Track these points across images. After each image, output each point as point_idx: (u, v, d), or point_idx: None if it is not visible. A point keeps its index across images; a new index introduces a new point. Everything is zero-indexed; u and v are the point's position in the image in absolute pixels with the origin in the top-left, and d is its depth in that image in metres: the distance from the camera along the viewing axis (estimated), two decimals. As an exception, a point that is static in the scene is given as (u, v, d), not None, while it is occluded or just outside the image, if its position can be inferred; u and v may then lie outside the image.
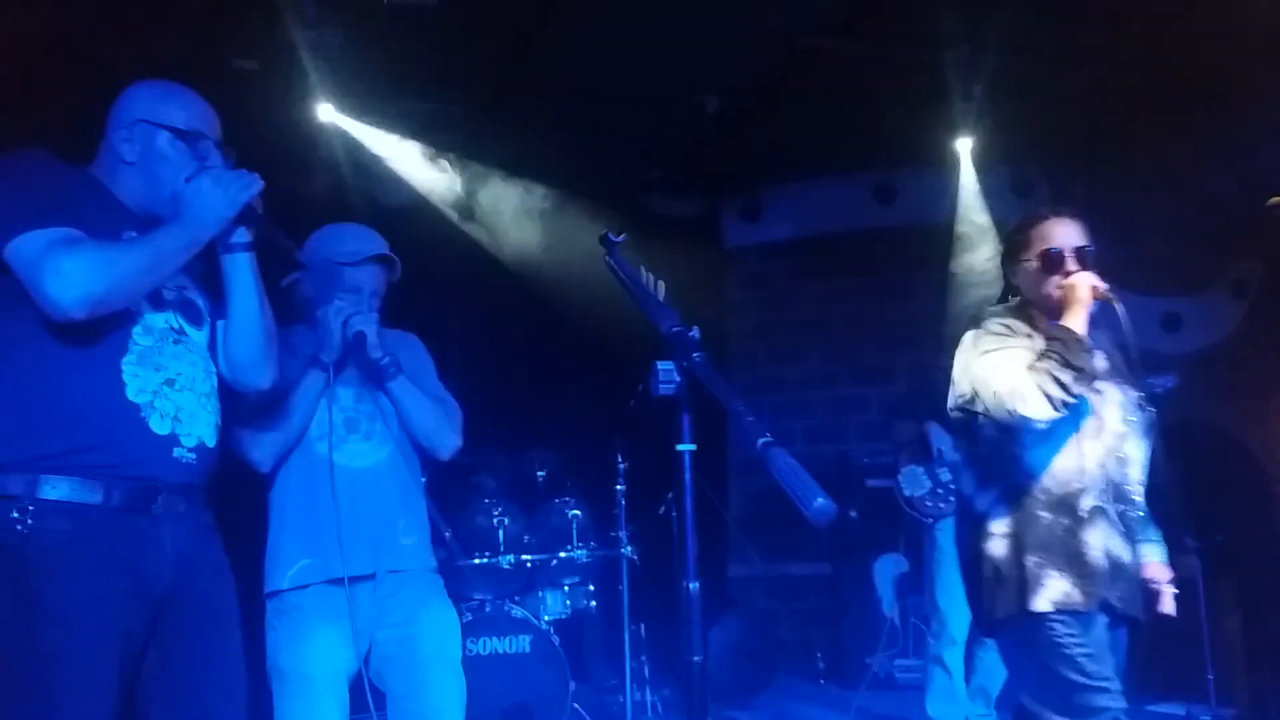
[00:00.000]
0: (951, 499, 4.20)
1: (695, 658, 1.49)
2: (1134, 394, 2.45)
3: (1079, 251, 2.42)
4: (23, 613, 1.69)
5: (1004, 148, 5.39)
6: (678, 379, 1.48)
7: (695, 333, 1.51)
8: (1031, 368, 2.30)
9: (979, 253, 5.63)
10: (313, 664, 2.36)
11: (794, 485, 1.27)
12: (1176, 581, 2.51)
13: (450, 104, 4.70)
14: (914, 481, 4.24)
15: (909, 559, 4.77)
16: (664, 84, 4.61)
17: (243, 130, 2.25)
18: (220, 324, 2.01)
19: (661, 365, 1.48)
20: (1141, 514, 2.51)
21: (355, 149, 4.70)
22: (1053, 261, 2.41)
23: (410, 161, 5.03)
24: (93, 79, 4.18)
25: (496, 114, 4.79)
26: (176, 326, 1.93)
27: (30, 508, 1.72)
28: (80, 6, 3.78)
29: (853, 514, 5.02)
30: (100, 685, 1.72)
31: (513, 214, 5.68)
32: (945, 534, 4.21)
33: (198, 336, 1.97)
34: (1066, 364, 2.25)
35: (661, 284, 1.61)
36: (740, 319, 6.30)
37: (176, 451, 1.86)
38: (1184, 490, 5.88)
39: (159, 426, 1.84)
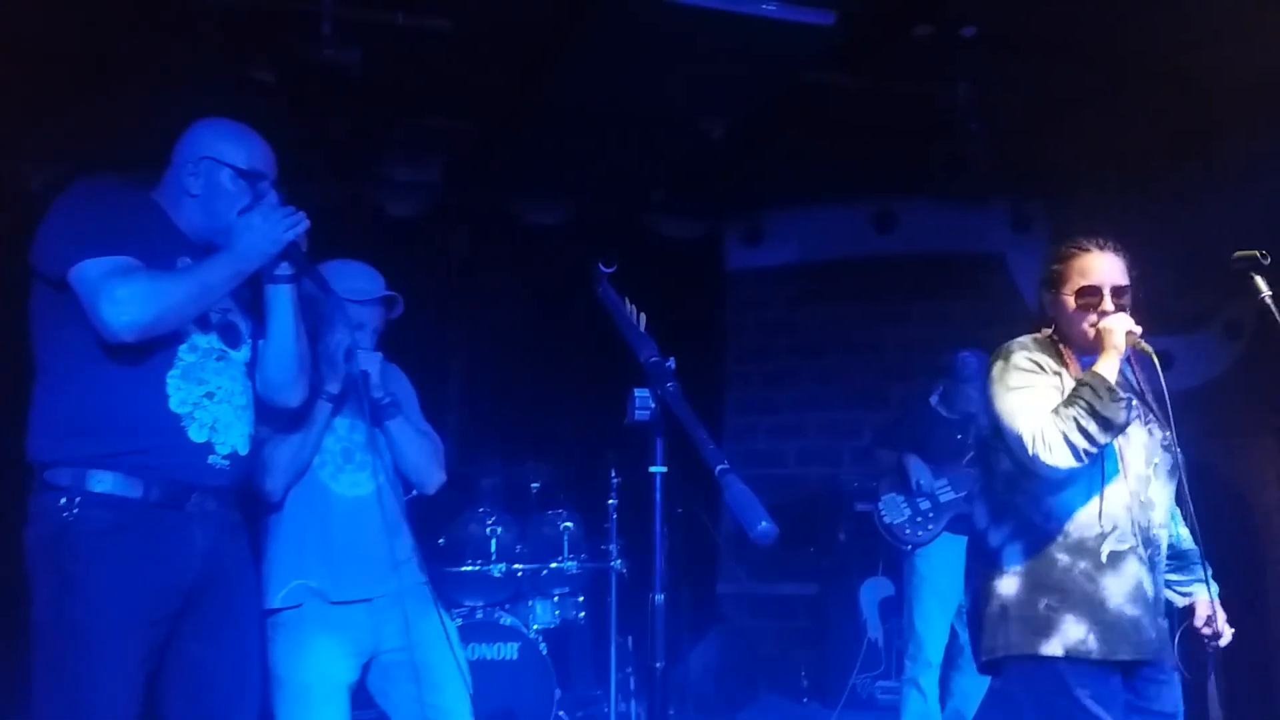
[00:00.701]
0: (930, 528, 4.27)
1: (658, 664, 1.58)
2: (1160, 436, 2.38)
3: (1117, 290, 2.33)
4: (62, 593, 1.87)
5: (1004, 182, 5.50)
6: (653, 405, 1.58)
7: (671, 363, 1.61)
8: (1057, 412, 2.21)
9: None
10: (310, 672, 2.45)
11: (743, 508, 1.37)
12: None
13: (461, 121, 4.80)
14: (894, 509, 4.31)
15: (892, 583, 4.85)
16: (670, 110, 4.70)
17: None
18: (260, 344, 2.18)
19: (638, 392, 1.58)
20: (1177, 554, 2.47)
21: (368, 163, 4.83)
22: (1089, 298, 2.32)
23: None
24: (117, 85, 4.35)
25: (505, 134, 4.89)
26: (219, 347, 2.09)
27: (77, 499, 1.90)
28: (102, 15, 3.89)
29: (841, 536, 5.11)
30: (127, 666, 1.89)
31: (518, 229, 5.80)
32: (924, 560, 4.29)
33: (238, 356, 2.15)
34: (1094, 413, 2.16)
35: (643, 315, 1.71)
36: (738, 340, 6.39)
37: (211, 458, 2.04)
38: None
39: (197, 435, 2.02)
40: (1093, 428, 2.16)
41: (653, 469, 1.57)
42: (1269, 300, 2.38)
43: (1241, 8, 3.77)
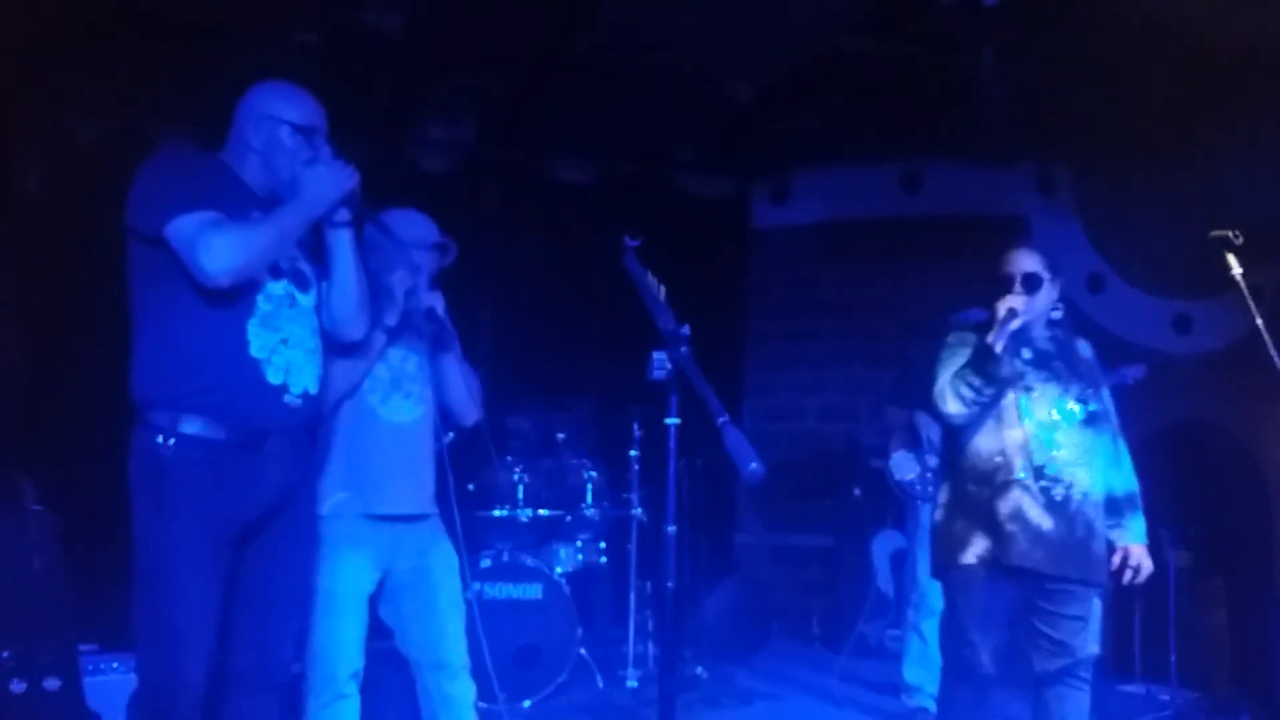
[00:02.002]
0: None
1: (669, 583, 1.79)
2: (1075, 390, 2.95)
3: (1027, 277, 2.93)
4: (158, 509, 2.17)
5: (1028, 144, 5.56)
6: (669, 367, 1.76)
7: (686, 330, 1.78)
8: (956, 373, 2.89)
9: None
10: (340, 582, 2.69)
11: (737, 450, 1.57)
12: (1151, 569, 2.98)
13: (495, 81, 4.91)
14: (904, 466, 4.49)
15: (902, 536, 5.03)
16: (699, 72, 4.79)
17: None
18: (324, 286, 2.42)
19: (657, 355, 1.76)
20: (1113, 490, 2.97)
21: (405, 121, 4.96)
22: (1005, 283, 2.94)
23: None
24: (165, 44, 4.49)
25: (538, 95, 5.00)
26: (290, 292, 2.33)
27: (172, 438, 2.17)
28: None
29: (855, 491, 5.27)
30: (207, 576, 2.20)
31: (548, 187, 5.93)
32: (929, 514, 4.49)
33: (305, 301, 2.38)
34: (976, 371, 2.84)
35: (663, 287, 1.88)
36: (763, 297, 6.50)
37: (286, 398, 2.29)
38: (1176, 484, 6.08)
39: (274, 378, 2.27)
40: (976, 382, 2.84)
41: (668, 420, 1.75)
42: (1239, 278, 2.56)
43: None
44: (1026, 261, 2.98)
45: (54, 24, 4.13)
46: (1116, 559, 2.98)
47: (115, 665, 2.74)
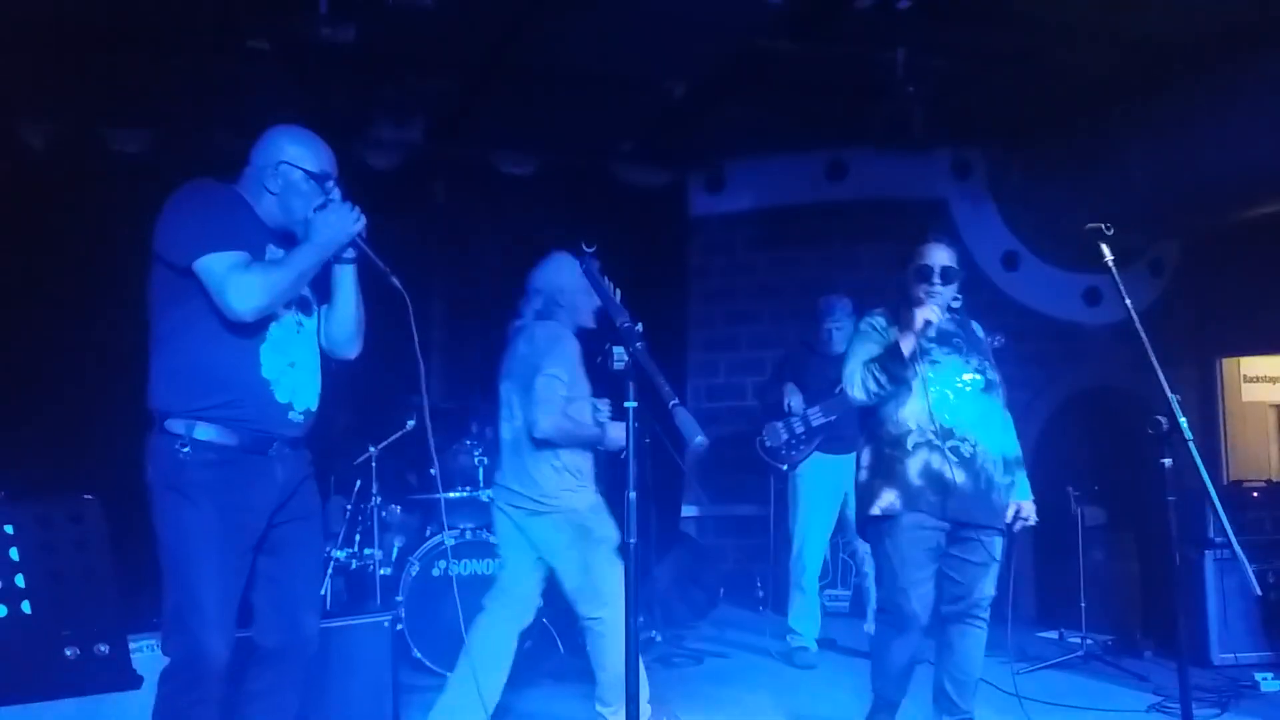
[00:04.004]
0: (803, 448, 4.91)
1: (631, 540, 2.10)
2: (974, 363, 3.34)
3: (945, 270, 3.27)
4: (180, 506, 2.40)
5: (944, 132, 5.92)
6: (626, 358, 2.06)
7: (639, 326, 2.09)
8: (866, 364, 3.27)
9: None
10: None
11: (685, 426, 1.89)
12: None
13: (442, 83, 5.12)
14: (773, 434, 4.94)
15: (775, 501, 5.43)
16: (634, 72, 5.04)
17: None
18: (324, 309, 2.65)
19: (615, 348, 2.06)
20: (1004, 453, 3.34)
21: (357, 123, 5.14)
22: (923, 275, 3.27)
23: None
24: (119, 50, 4.58)
25: (483, 94, 5.22)
26: (298, 319, 2.58)
27: (188, 446, 2.41)
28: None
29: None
30: (232, 562, 2.44)
31: (494, 179, 6.15)
32: (803, 478, 4.93)
33: (309, 324, 2.63)
34: (883, 369, 3.22)
35: (618, 290, 2.17)
36: (702, 282, 6.82)
37: (291, 415, 2.55)
38: (1085, 445, 6.53)
39: (281, 396, 2.52)
40: (882, 378, 3.23)
41: (626, 404, 2.05)
42: (1111, 264, 2.89)
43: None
44: (944, 255, 3.30)
45: (3, 29, 4.19)
46: (1010, 513, 3.34)
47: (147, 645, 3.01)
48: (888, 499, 3.25)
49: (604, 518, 3.50)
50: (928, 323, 3.17)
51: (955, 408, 3.28)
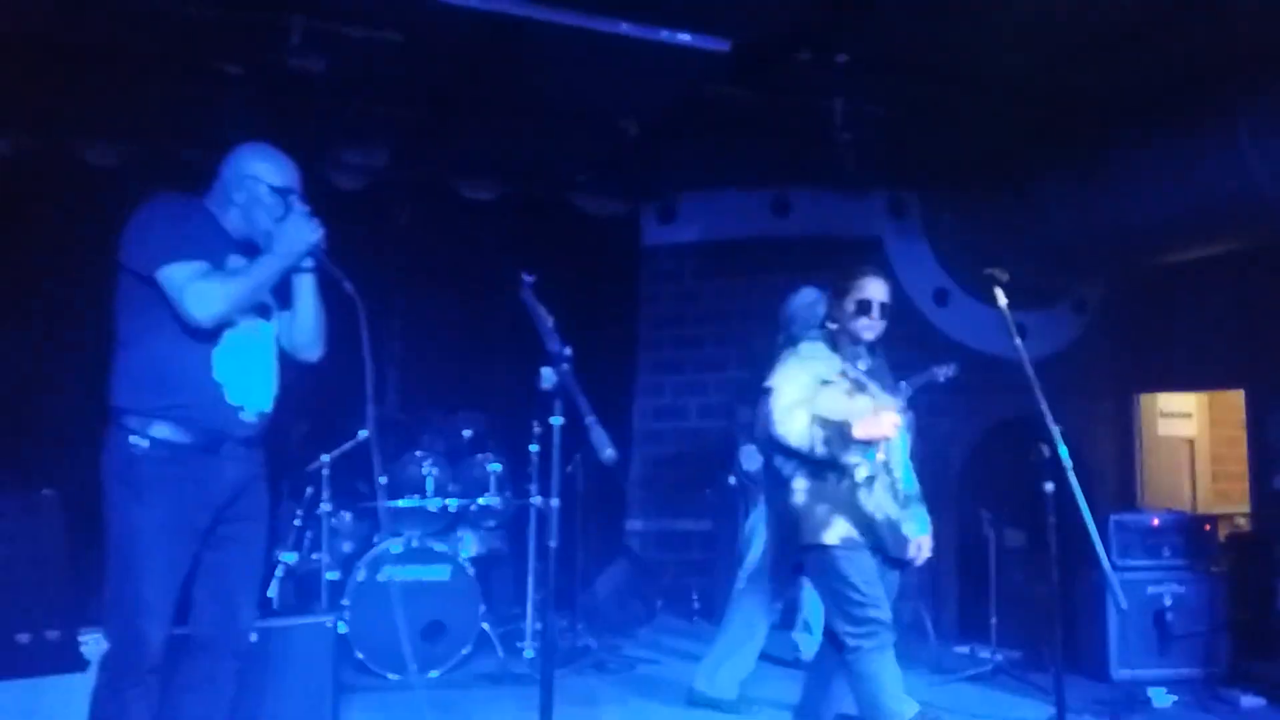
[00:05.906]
0: None
1: (551, 543, 2.33)
2: (898, 402, 3.44)
3: (883, 306, 3.36)
4: (132, 501, 2.56)
5: (881, 174, 6.28)
6: (555, 379, 2.33)
7: (569, 351, 2.35)
8: (815, 423, 3.20)
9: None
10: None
11: (598, 441, 2.14)
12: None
13: (407, 111, 5.35)
14: (751, 458, 5.09)
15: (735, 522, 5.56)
16: (594, 107, 5.27)
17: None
18: (285, 315, 2.81)
19: (545, 371, 2.33)
20: (906, 489, 3.46)
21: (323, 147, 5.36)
22: (863, 308, 3.35)
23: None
24: (92, 71, 4.75)
25: (447, 124, 5.45)
26: (255, 321, 2.74)
27: (144, 440, 2.57)
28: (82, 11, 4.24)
29: (731, 480, 5.89)
30: (173, 551, 2.59)
31: (455, 204, 6.40)
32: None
33: (266, 330, 2.79)
34: (828, 443, 3.17)
35: (551, 317, 2.44)
36: (652, 308, 7.10)
37: (242, 415, 2.70)
38: (1010, 472, 6.86)
39: (233, 399, 2.67)
40: (821, 451, 3.18)
41: (552, 420, 2.32)
42: (1005, 308, 3.19)
43: (1073, 40, 4.48)
44: (881, 290, 3.36)
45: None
46: (912, 549, 3.41)
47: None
48: (842, 529, 3.21)
49: None
50: (886, 437, 3.21)
51: (889, 444, 3.33)
